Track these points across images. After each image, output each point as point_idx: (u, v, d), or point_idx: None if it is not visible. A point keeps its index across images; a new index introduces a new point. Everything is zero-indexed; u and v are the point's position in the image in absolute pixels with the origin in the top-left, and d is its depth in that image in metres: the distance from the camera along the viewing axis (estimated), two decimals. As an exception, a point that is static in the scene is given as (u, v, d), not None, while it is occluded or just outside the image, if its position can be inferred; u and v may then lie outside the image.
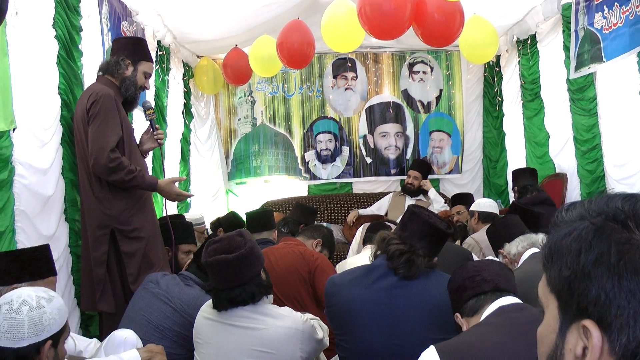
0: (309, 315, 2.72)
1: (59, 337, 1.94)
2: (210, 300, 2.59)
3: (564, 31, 5.39)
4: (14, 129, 2.96)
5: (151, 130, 3.77)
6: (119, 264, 3.45)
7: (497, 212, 4.80)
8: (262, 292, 2.50)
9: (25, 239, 3.03)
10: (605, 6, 4.63)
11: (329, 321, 2.54)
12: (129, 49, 3.60)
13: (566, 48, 5.37)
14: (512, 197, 6.91)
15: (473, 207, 4.84)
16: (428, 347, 1.81)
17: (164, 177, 4.36)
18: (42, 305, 1.87)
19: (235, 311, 2.47)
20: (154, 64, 5.32)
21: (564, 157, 5.72)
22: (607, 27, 4.62)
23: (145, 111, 3.78)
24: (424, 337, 2.27)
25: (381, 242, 2.49)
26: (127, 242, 3.43)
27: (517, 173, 5.70)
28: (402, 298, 2.33)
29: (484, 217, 4.63)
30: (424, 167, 6.83)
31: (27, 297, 1.87)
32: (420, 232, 2.41)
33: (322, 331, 2.67)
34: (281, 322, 2.46)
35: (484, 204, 4.80)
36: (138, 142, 3.77)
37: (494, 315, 1.89)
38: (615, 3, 4.48)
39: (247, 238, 2.52)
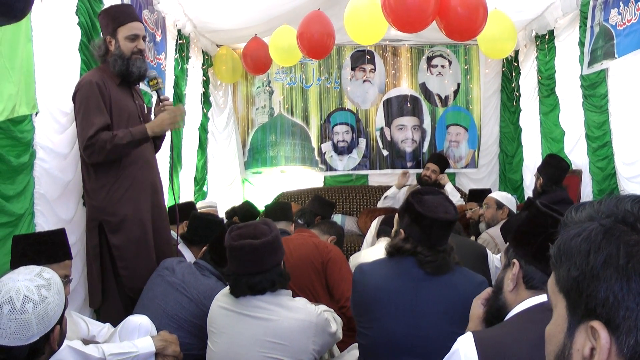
0: (322, 307, 2.73)
1: (63, 316, 1.96)
2: (226, 289, 2.61)
3: (580, 27, 5.33)
4: (36, 114, 3.00)
5: (160, 102, 3.55)
6: (111, 258, 3.32)
7: (515, 209, 4.81)
8: (281, 282, 2.52)
9: (44, 222, 3.08)
10: (621, 2, 4.57)
11: (353, 308, 2.53)
12: (103, 24, 3.38)
13: (581, 44, 5.31)
14: (527, 193, 6.88)
15: (503, 201, 4.83)
16: (450, 340, 1.77)
17: (181, 166, 4.35)
18: (44, 297, 1.84)
19: (251, 301, 2.48)
20: (175, 51, 5.36)
21: (577, 154, 5.66)
22: (622, 23, 4.55)
23: (148, 83, 3.60)
24: (447, 331, 2.28)
25: (405, 252, 2.46)
26: (116, 234, 3.28)
27: (550, 162, 5.10)
28: (428, 291, 2.34)
29: (512, 215, 4.64)
30: (443, 161, 6.80)
31: (26, 291, 1.81)
32: (436, 231, 2.39)
33: (335, 324, 2.68)
34: (295, 314, 2.47)
35: (511, 201, 4.87)
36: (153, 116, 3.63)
37: (538, 312, 1.71)
38: (631, -1, 4.44)
39: (272, 227, 2.54)
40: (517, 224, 2.04)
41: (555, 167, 5.05)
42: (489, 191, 5.74)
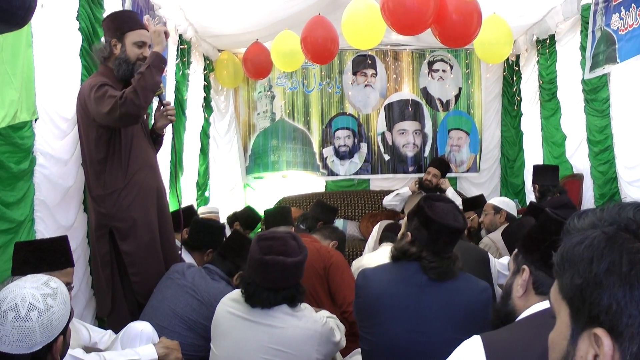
0: (325, 313, 2.72)
1: (67, 327, 1.94)
2: (233, 293, 2.61)
3: (581, 32, 5.35)
4: (35, 120, 3.00)
5: (161, 106, 3.57)
6: (119, 265, 3.32)
7: (514, 212, 4.83)
8: (301, 298, 2.53)
9: (44, 229, 3.06)
10: (622, 7, 4.59)
11: (356, 313, 2.54)
12: (111, 27, 3.33)
13: (583, 48, 5.33)
14: (528, 197, 6.88)
15: (500, 205, 4.86)
16: (452, 346, 1.74)
17: (182, 171, 4.34)
18: (50, 306, 1.81)
19: (263, 310, 2.49)
20: (176, 56, 5.36)
21: (578, 158, 5.68)
22: (623, 28, 4.57)
23: None
24: (450, 337, 2.28)
25: (410, 256, 2.45)
26: (126, 241, 3.28)
27: (538, 170, 5.44)
28: (432, 297, 2.34)
29: (511, 218, 4.66)
30: (444, 165, 6.80)
31: (32, 299, 1.79)
32: (444, 237, 2.38)
33: (339, 332, 2.68)
34: (300, 322, 2.47)
35: (509, 204, 4.87)
36: (153, 121, 3.66)
37: (548, 316, 1.62)
38: (633, 4, 4.43)
39: (301, 243, 2.54)
40: (527, 230, 2.00)
41: (543, 169, 5.34)
42: (481, 197, 5.72)
